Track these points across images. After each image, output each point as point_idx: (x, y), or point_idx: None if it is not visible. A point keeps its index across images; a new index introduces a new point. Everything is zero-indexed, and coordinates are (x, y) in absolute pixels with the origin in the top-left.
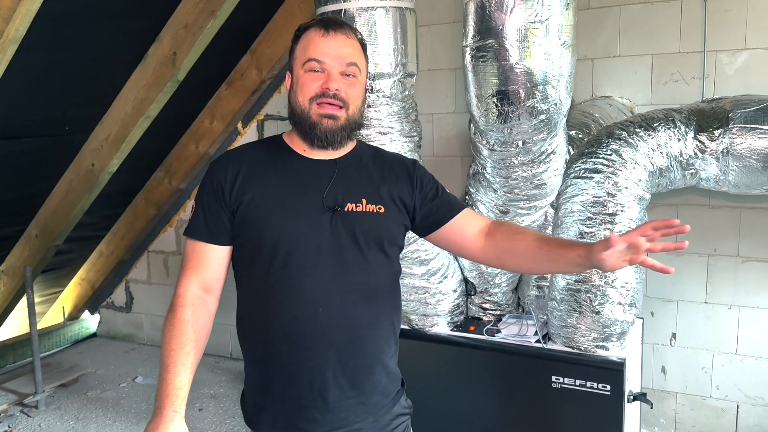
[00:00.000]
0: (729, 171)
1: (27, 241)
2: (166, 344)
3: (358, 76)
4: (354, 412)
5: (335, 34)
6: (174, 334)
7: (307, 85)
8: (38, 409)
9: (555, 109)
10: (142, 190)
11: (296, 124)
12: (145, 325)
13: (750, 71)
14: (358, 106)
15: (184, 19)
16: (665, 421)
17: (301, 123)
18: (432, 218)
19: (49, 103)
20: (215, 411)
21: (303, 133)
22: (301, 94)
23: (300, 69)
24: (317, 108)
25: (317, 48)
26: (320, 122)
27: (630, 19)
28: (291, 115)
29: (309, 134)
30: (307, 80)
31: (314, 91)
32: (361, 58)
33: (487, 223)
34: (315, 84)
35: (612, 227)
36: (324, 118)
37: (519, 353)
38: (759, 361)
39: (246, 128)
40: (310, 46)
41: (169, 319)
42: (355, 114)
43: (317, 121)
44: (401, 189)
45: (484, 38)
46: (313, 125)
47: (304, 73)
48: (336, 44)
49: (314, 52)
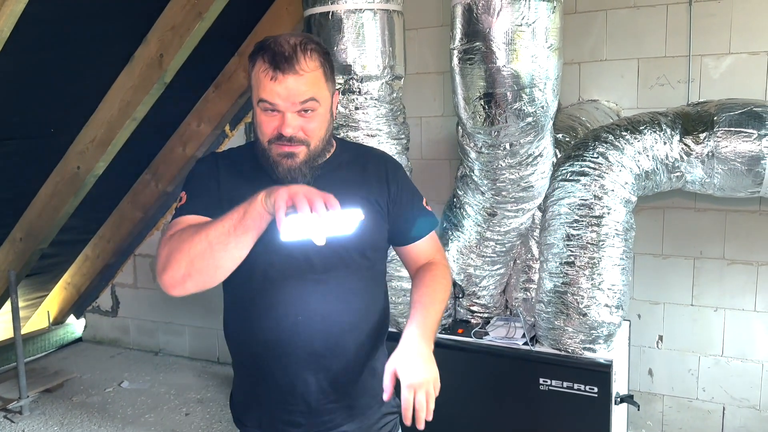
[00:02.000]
0: (714, 174)
1: (11, 244)
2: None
3: (317, 109)
4: (340, 415)
5: (284, 77)
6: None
7: (264, 125)
8: (22, 414)
9: (542, 112)
10: (128, 193)
11: (260, 158)
12: (132, 329)
13: (734, 75)
14: (321, 138)
15: (172, 20)
16: (652, 423)
17: (263, 160)
18: (400, 233)
19: (34, 104)
20: (202, 416)
21: (267, 169)
22: (260, 132)
23: (256, 104)
24: (276, 147)
25: (266, 90)
26: (280, 162)
27: (616, 24)
28: (255, 145)
29: (271, 172)
30: (263, 120)
31: (270, 133)
32: (320, 84)
33: (430, 259)
34: (271, 125)
35: (599, 229)
36: (283, 158)
37: (507, 356)
38: (745, 363)
39: (234, 131)
40: (260, 87)
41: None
42: (318, 145)
43: (277, 161)
44: (380, 193)
45: (472, 41)
46: (274, 164)
47: (260, 111)
48: (286, 87)
49: (264, 93)
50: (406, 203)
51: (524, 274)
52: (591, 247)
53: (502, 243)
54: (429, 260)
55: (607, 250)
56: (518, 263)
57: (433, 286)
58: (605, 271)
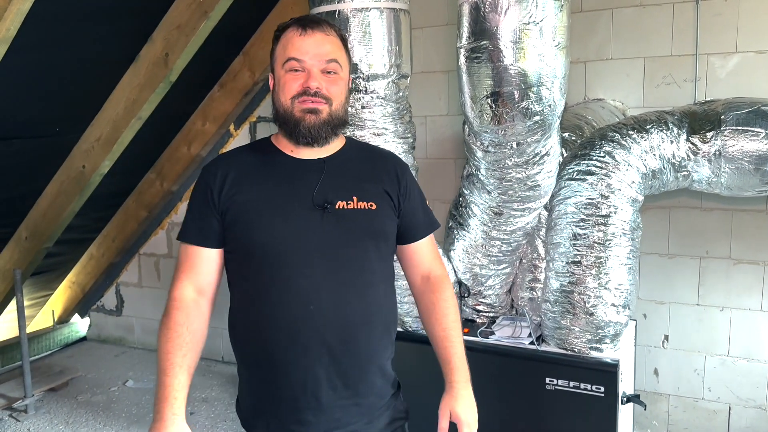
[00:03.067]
0: (721, 173)
1: (17, 243)
2: (161, 348)
3: (339, 73)
4: (348, 413)
5: (313, 32)
6: (170, 336)
7: (288, 85)
8: (27, 413)
9: (549, 111)
10: (133, 192)
11: (281, 124)
12: (136, 328)
13: (741, 74)
14: (341, 102)
15: (177, 20)
16: (658, 423)
17: (285, 122)
18: (404, 231)
19: (40, 103)
20: (207, 415)
21: (288, 132)
22: (282, 93)
23: (281, 69)
24: (299, 104)
25: (295, 47)
26: (303, 118)
27: (622, 23)
28: (275, 115)
29: (293, 132)
30: (288, 80)
31: (295, 90)
32: (342, 54)
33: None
34: (296, 83)
35: (605, 228)
36: (306, 113)
37: (513, 355)
38: (751, 363)
39: (238, 130)
40: (288, 46)
41: (164, 323)
42: (339, 110)
43: (300, 117)
44: (391, 187)
45: (479, 39)
46: (296, 122)
47: (285, 73)
48: (314, 42)
49: (293, 51)
50: (413, 201)
51: (530, 274)
52: (598, 246)
53: (508, 242)
54: (430, 267)
55: (613, 249)
56: (524, 262)
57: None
58: (612, 270)
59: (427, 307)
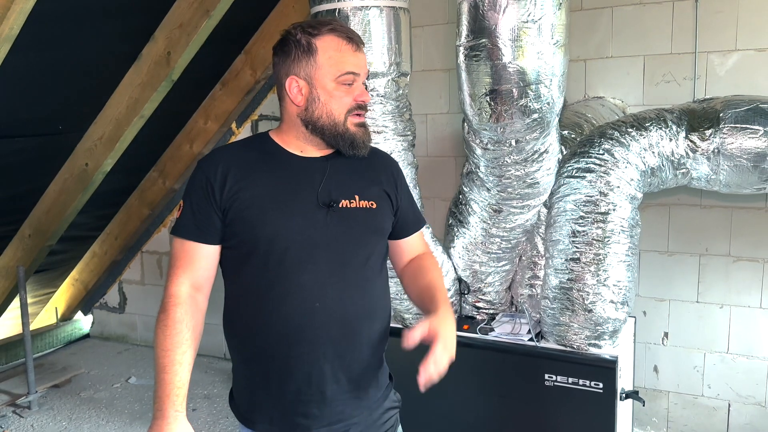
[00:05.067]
0: (720, 170)
1: (20, 240)
2: (160, 344)
3: None
4: (350, 406)
5: (359, 48)
6: (168, 333)
7: (344, 98)
8: (31, 409)
9: (548, 108)
10: (135, 190)
11: (322, 133)
12: (139, 325)
13: (741, 72)
14: None
15: (179, 18)
16: (657, 420)
17: (333, 134)
18: (395, 228)
19: (43, 102)
20: (209, 411)
21: (333, 142)
22: (338, 106)
23: (331, 81)
24: (353, 118)
25: (352, 62)
26: (357, 132)
27: (622, 21)
28: (314, 124)
29: (344, 143)
30: (343, 93)
31: (350, 104)
32: None
33: (419, 253)
34: (350, 96)
35: (604, 226)
36: (359, 127)
37: (512, 351)
38: (750, 360)
39: (240, 128)
40: (344, 60)
41: (162, 320)
42: None
43: (355, 131)
44: (389, 186)
45: (478, 37)
46: (352, 136)
47: (338, 85)
48: (364, 58)
49: (351, 66)
50: (406, 200)
51: (530, 271)
52: (596, 244)
53: (508, 239)
54: (419, 253)
55: (612, 246)
56: (524, 260)
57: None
58: (611, 267)
59: (412, 272)
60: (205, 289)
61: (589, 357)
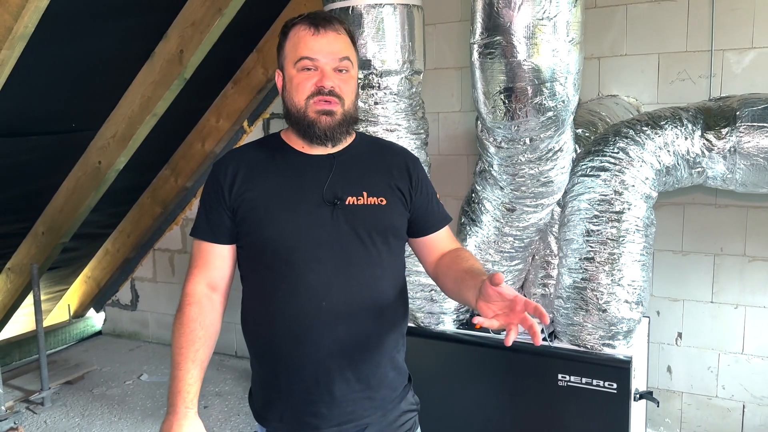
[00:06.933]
0: (736, 169)
1: (33, 238)
2: (175, 342)
3: (350, 71)
4: (361, 407)
5: (325, 32)
6: (183, 331)
7: (302, 85)
8: (44, 405)
9: (562, 106)
10: (148, 188)
11: (293, 124)
12: (151, 323)
13: (757, 70)
14: (352, 101)
15: (192, 17)
16: (671, 420)
17: (298, 122)
18: (419, 224)
19: (57, 100)
20: (220, 408)
21: (301, 132)
22: (296, 93)
23: (292, 68)
24: (314, 105)
25: (308, 46)
26: (318, 119)
27: (637, 18)
28: (287, 114)
29: (308, 132)
30: (301, 79)
31: (309, 89)
32: (353, 52)
33: (450, 248)
34: (309, 82)
35: (619, 225)
36: (321, 114)
37: (525, 351)
38: (765, 361)
39: (252, 127)
40: (300, 45)
41: (178, 318)
42: (351, 108)
43: (315, 118)
44: (401, 181)
45: (492, 35)
46: (311, 123)
47: (297, 72)
48: (327, 41)
49: (305, 50)
50: (425, 195)
51: (543, 270)
52: (611, 243)
53: (521, 238)
54: (450, 248)
55: (627, 245)
56: (537, 259)
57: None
58: (625, 266)
59: (446, 264)
60: (222, 289)
61: (603, 357)
